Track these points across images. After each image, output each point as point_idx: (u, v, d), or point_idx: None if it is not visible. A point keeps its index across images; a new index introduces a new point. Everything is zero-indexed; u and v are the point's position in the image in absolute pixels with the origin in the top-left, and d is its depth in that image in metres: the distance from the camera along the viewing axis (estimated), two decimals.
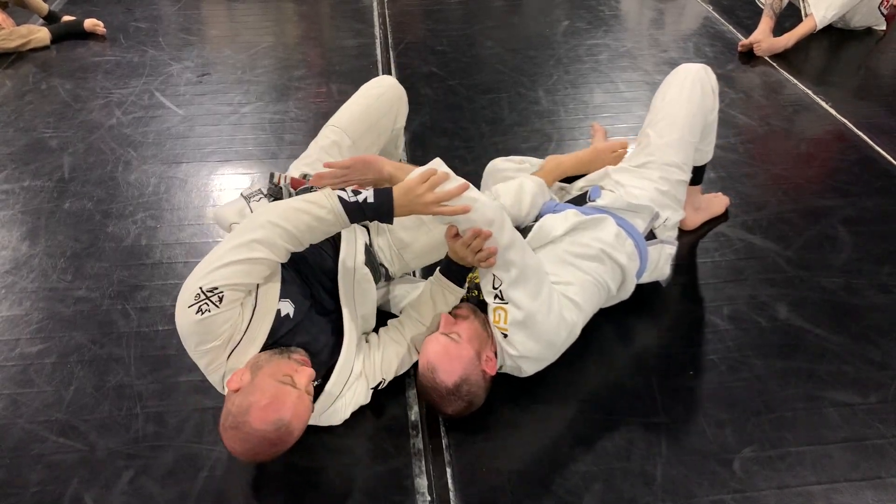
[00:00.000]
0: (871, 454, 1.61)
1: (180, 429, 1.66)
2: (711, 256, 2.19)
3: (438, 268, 1.73)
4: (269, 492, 1.54)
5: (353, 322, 1.64)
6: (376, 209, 1.49)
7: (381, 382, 1.67)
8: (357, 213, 1.49)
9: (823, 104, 3.03)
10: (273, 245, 1.43)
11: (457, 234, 1.58)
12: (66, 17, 3.64)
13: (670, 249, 1.91)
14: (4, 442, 1.63)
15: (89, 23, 3.60)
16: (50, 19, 3.62)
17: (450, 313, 1.67)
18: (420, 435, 1.66)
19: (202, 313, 1.39)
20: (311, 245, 1.51)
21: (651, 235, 1.86)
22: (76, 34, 3.60)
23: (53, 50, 3.49)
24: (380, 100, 2.13)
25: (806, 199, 2.46)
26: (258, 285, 1.48)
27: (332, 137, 2.04)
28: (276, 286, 1.52)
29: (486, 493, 1.54)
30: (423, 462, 1.60)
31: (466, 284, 1.73)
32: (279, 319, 1.50)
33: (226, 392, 1.43)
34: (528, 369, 1.67)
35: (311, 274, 1.64)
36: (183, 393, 1.75)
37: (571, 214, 1.77)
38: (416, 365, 1.80)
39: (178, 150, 2.71)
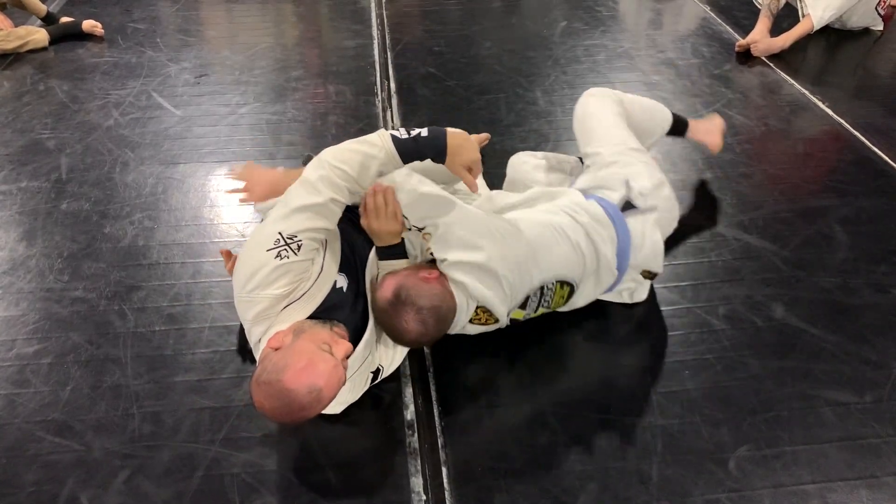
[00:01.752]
0: (866, 453, 1.62)
1: (177, 429, 1.66)
2: (707, 256, 2.19)
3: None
4: (265, 491, 1.54)
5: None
6: (429, 143, 1.53)
7: (378, 370, 1.67)
8: (410, 149, 1.53)
9: (820, 104, 3.03)
10: (334, 185, 1.48)
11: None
12: (65, 19, 3.64)
13: (656, 215, 1.85)
14: (0, 442, 1.63)
15: (87, 24, 3.60)
16: (48, 20, 3.62)
17: None
18: (415, 434, 1.66)
19: (281, 258, 1.45)
20: (356, 231, 1.64)
21: (631, 207, 1.85)
22: (74, 35, 3.60)
23: (51, 51, 3.50)
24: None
25: (802, 198, 2.46)
26: (325, 253, 1.56)
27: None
28: (337, 256, 1.60)
29: (482, 492, 1.54)
30: (419, 461, 1.60)
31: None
32: (334, 290, 1.55)
33: (260, 350, 1.48)
34: (471, 283, 1.61)
35: (356, 256, 1.66)
36: (179, 393, 1.75)
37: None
38: (408, 356, 1.82)
39: (176, 151, 2.71)
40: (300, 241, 1.46)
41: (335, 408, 1.63)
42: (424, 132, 1.54)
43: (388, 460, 1.60)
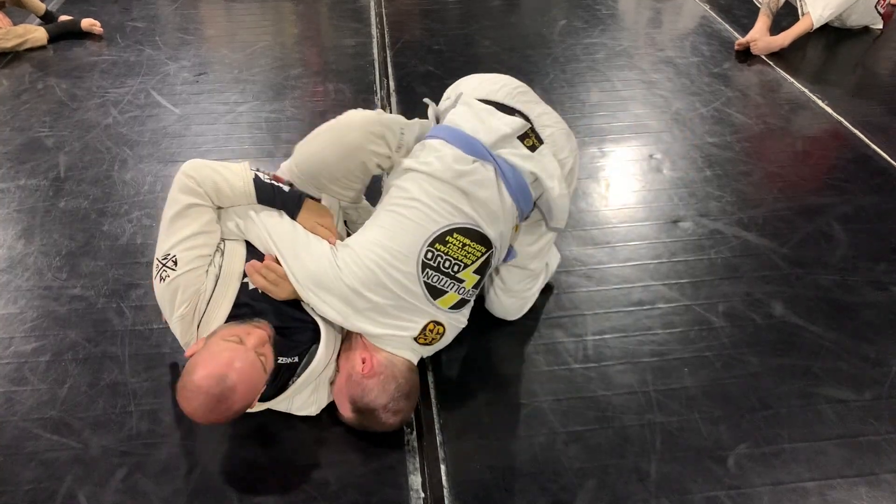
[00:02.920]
0: (865, 450, 1.61)
1: (174, 426, 1.66)
2: (707, 254, 2.19)
3: None
4: (263, 489, 1.53)
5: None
6: (286, 200, 1.61)
7: None
8: (268, 195, 1.60)
9: (820, 102, 3.03)
10: (192, 191, 1.54)
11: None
12: (63, 17, 3.64)
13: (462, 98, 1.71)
14: None
15: (86, 22, 3.60)
16: (47, 19, 3.62)
17: None
18: (414, 432, 1.66)
19: (163, 280, 1.53)
20: None
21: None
22: (73, 34, 3.59)
23: (50, 49, 3.49)
24: (336, 166, 1.72)
25: (802, 196, 2.46)
26: (221, 257, 1.57)
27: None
28: (241, 250, 1.60)
29: (480, 490, 1.54)
30: (418, 459, 1.60)
31: None
32: (245, 289, 1.56)
33: None
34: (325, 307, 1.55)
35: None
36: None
37: None
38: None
39: (175, 149, 2.70)
40: (173, 256, 1.52)
41: (307, 408, 1.63)
42: (286, 188, 1.63)
43: (387, 458, 1.60)
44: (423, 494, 1.53)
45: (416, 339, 1.60)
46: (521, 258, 1.81)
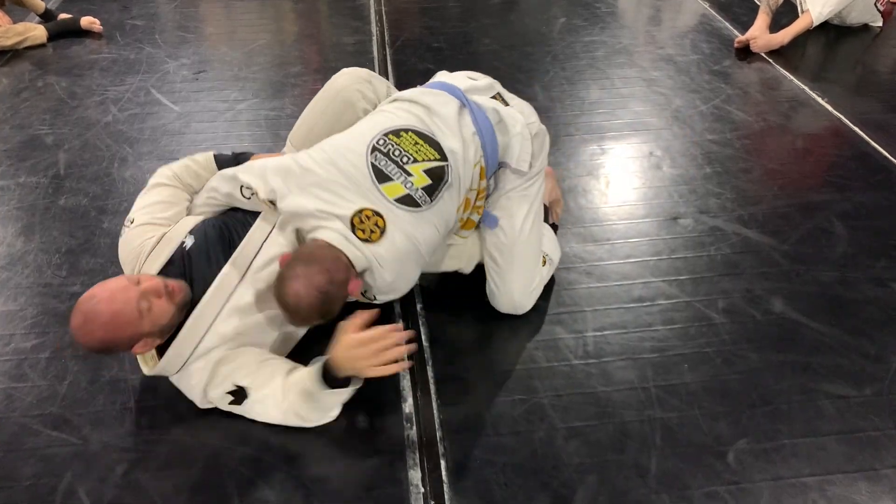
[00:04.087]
0: (865, 446, 1.61)
1: (174, 422, 1.66)
2: (707, 250, 2.19)
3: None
4: (263, 485, 1.53)
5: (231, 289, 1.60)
6: (238, 157, 1.90)
7: (235, 391, 1.60)
8: (228, 160, 1.87)
9: (820, 100, 3.03)
10: (163, 175, 1.83)
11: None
12: (63, 15, 3.64)
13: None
14: None
15: (86, 21, 3.60)
16: (46, 17, 3.62)
17: None
18: (414, 427, 1.66)
19: (121, 236, 1.72)
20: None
21: None
22: (72, 32, 3.59)
23: (50, 48, 3.49)
24: (325, 114, 1.95)
25: (802, 193, 2.46)
26: (171, 224, 1.72)
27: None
28: (190, 221, 1.72)
29: (480, 485, 1.54)
30: (417, 454, 1.60)
31: None
32: (180, 250, 1.64)
33: None
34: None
35: (230, 231, 1.69)
36: (176, 387, 1.74)
37: None
38: None
39: (174, 147, 2.70)
40: (132, 219, 1.73)
41: (191, 389, 1.62)
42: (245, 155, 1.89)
43: (387, 453, 1.60)
44: (422, 489, 1.53)
45: (353, 228, 1.55)
46: (509, 233, 1.81)
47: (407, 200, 1.60)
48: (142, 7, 3.97)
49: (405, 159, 1.63)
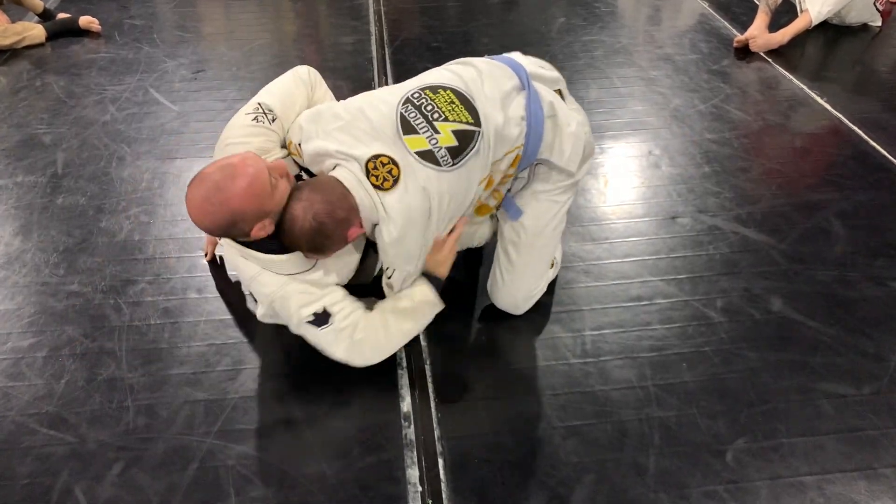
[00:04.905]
0: (863, 445, 1.61)
1: (171, 421, 1.66)
2: (706, 249, 2.19)
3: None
4: (260, 483, 1.53)
5: None
6: None
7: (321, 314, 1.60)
8: None
9: (819, 100, 3.03)
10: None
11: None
12: (61, 15, 3.63)
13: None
14: None
15: (84, 20, 3.59)
16: (45, 17, 3.61)
17: None
18: (412, 426, 1.65)
19: (258, 122, 1.65)
20: None
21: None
22: (71, 31, 3.58)
23: (48, 47, 3.49)
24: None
25: (800, 192, 2.46)
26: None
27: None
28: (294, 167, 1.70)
29: (478, 484, 1.53)
30: (415, 453, 1.60)
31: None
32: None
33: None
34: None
35: None
36: (174, 385, 1.74)
37: None
38: (404, 348, 1.81)
39: (172, 146, 2.70)
40: (275, 116, 1.66)
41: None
42: None
43: (385, 452, 1.60)
44: (420, 488, 1.52)
45: (367, 172, 1.51)
46: (530, 233, 1.78)
47: (428, 156, 1.54)
48: (140, 7, 3.96)
49: (436, 115, 1.56)
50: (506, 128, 1.62)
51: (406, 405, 1.71)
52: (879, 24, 3.67)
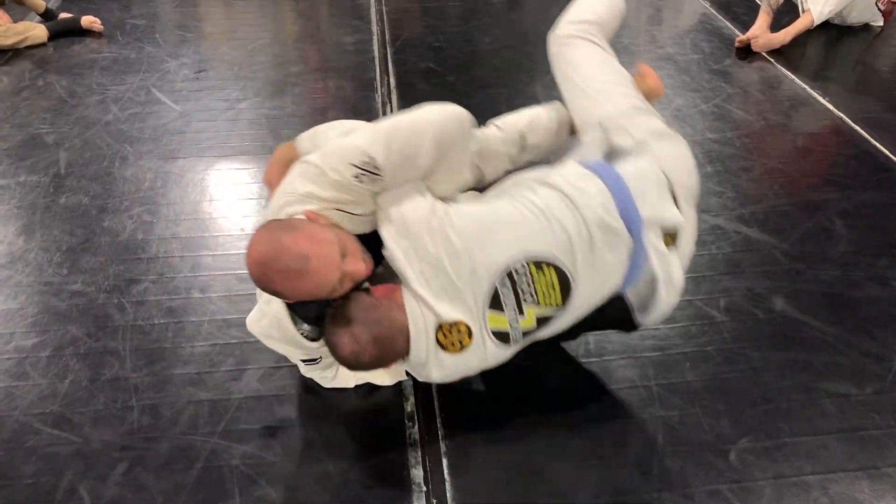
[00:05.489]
0: (867, 444, 1.61)
1: (175, 421, 1.66)
2: (708, 249, 2.19)
3: None
4: (264, 483, 1.53)
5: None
6: None
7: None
8: None
9: (821, 99, 3.03)
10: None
11: None
12: (63, 15, 3.63)
13: (651, 154, 1.53)
14: None
15: (86, 20, 3.59)
16: (47, 16, 3.61)
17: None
18: (416, 426, 1.66)
19: (360, 181, 1.35)
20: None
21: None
22: (73, 31, 3.59)
23: (50, 47, 3.49)
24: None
25: (803, 192, 2.46)
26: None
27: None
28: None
29: (482, 483, 1.54)
30: (419, 453, 1.60)
31: None
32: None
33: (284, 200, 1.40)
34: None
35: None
36: (178, 385, 1.74)
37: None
38: None
39: (175, 146, 2.70)
40: (381, 177, 1.36)
41: (347, 380, 1.66)
42: None
43: (389, 451, 1.60)
44: (424, 488, 1.53)
45: (438, 330, 1.37)
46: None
47: (502, 337, 1.41)
48: (142, 6, 3.97)
49: (528, 298, 1.39)
50: (590, 299, 1.48)
51: (410, 405, 1.71)
52: (881, 23, 3.67)
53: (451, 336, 1.38)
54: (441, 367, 1.42)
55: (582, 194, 1.43)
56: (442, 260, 1.36)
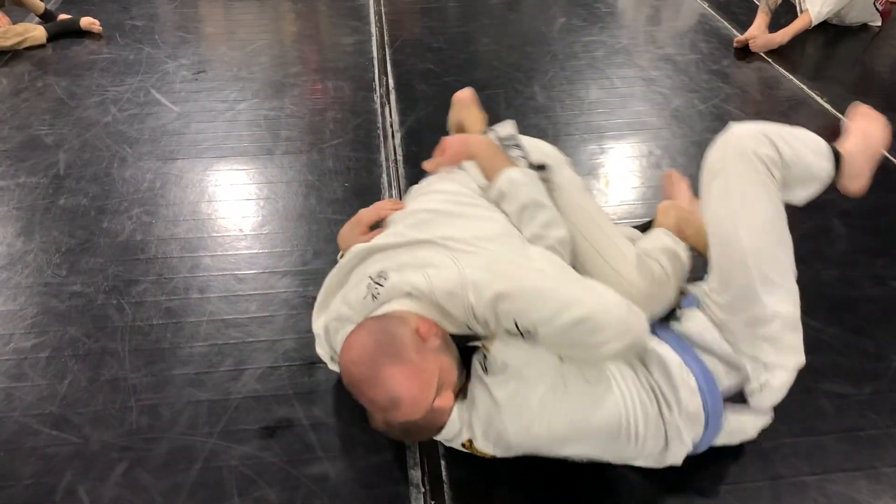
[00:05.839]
0: (865, 444, 1.61)
1: (174, 421, 1.66)
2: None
3: None
4: (263, 483, 1.53)
5: None
6: None
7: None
8: None
9: (819, 99, 3.03)
10: None
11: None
12: (62, 16, 3.64)
13: (763, 421, 1.47)
14: None
15: (85, 21, 3.60)
16: (46, 18, 3.62)
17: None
18: None
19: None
20: None
21: (741, 398, 1.40)
22: (72, 32, 3.59)
23: (49, 48, 3.49)
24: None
25: None
26: None
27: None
28: None
29: (480, 484, 1.54)
30: (417, 453, 1.60)
31: None
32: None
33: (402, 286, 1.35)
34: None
35: None
36: (177, 386, 1.75)
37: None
38: None
39: (174, 147, 2.71)
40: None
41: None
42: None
43: (387, 452, 1.60)
44: (423, 489, 1.53)
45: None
46: None
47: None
48: (141, 8, 3.97)
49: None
50: None
51: None
52: (879, 24, 3.68)
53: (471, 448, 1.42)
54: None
55: (674, 394, 1.34)
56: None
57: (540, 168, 1.65)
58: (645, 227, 1.81)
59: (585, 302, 1.26)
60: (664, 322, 1.47)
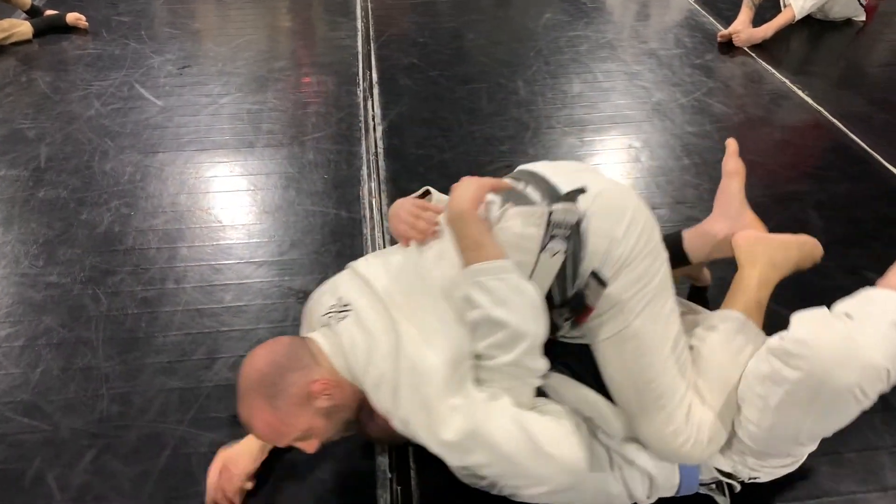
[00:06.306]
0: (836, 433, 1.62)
1: (145, 409, 1.67)
2: None
3: None
4: None
5: None
6: None
7: None
8: None
9: (801, 94, 3.04)
10: None
11: None
12: (49, 12, 3.64)
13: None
14: None
15: (72, 17, 3.60)
16: (32, 13, 3.62)
17: None
18: None
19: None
20: None
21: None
22: (58, 28, 3.59)
23: (35, 43, 3.50)
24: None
25: (779, 184, 2.47)
26: None
27: None
28: None
29: (447, 471, 1.54)
30: None
31: None
32: None
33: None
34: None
35: None
36: (149, 374, 1.75)
37: None
38: None
39: (156, 140, 2.71)
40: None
41: None
42: None
43: (355, 439, 1.60)
44: (390, 475, 1.54)
45: None
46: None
47: None
48: (129, 4, 3.98)
49: None
50: None
51: None
52: (863, 19, 3.68)
53: None
54: None
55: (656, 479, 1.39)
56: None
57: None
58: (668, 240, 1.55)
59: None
60: None
